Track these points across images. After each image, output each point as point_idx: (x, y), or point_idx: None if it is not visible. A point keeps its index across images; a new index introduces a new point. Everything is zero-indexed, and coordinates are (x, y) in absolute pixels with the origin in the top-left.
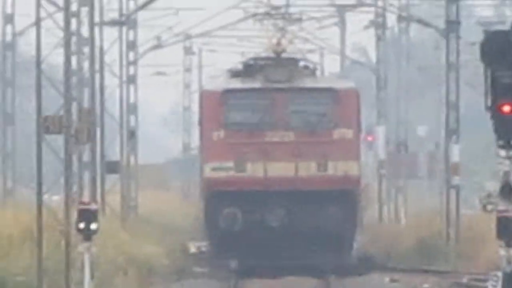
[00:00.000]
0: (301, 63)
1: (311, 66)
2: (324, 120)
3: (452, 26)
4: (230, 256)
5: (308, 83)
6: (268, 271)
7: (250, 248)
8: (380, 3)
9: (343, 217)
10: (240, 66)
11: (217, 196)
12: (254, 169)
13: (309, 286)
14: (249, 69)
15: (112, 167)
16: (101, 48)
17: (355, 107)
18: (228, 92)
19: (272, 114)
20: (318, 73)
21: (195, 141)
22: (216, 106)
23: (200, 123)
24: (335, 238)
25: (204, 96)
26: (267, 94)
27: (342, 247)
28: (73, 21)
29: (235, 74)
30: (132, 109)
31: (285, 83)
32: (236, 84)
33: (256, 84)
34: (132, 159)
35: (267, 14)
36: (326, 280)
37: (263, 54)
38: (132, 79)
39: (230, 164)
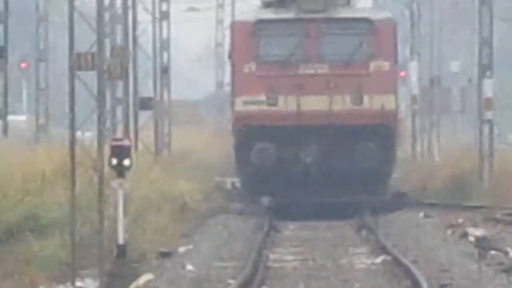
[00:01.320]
0: None
1: None
2: (360, 52)
3: None
4: (262, 193)
5: (343, 13)
6: (301, 208)
7: (283, 184)
8: None
9: (380, 153)
10: None
11: (248, 130)
12: (287, 103)
13: (342, 226)
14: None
15: (145, 104)
16: None
17: (392, 39)
18: (260, 22)
19: (306, 46)
20: (353, 2)
21: (228, 78)
22: (247, 37)
23: (231, 55)
24: (371, 175)
25: (235, 27)
26: (300, 25)
27: (379, 184)
28: None
29: (267, 4)
30: (165, 45)
31: (319, 13)
32: (269, 14)
33: (289, 15)
34: (165, 96)
35: None
36: (360, 220)
37: None
38: (165, 15)
39: (262, 97)
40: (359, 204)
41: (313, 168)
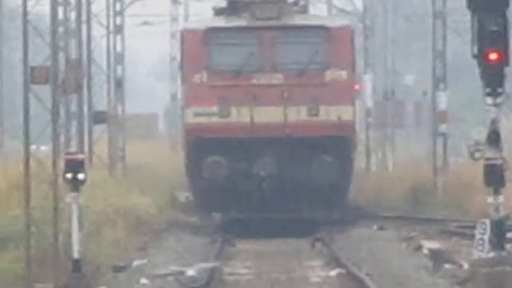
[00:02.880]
0: None
1: (301, 2)
2: (315, 61)
3: None
4: (215, 208)
5: (298, 20)
6: (255, 224)
7: (236, 200)
8: None
9: (337, 166)
10: (224, 3)
11: (200, 143)
12: (240, 115)
13: (296, 238)
14: (234, 6)
15: (99, 117)
16: None
17: (350, 47)
18: (211, 30)
19: (259, 55)
20: (309, 10)
21: None
22: (198, 46)
23: (181, 65)
24: (328, 189)
25: (185, 35)
26: (253, 33)
27: (336, 198)
28: None
29: (219, 11)
30: (119, 59)
31: (273, 21)
32: (220, 22)
33: (242, 22)
34: (119, 109)
35: None
36: (314, 237)
37: None
38: (119, 29)
39: (214, 109)
40: (314, 219)
41: (268, 182)
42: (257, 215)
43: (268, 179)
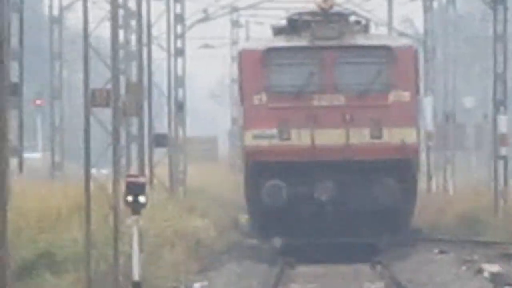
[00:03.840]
0: (352, 18)
1: (363, 21)
2: (378, 82)
3: None
4: (274, 233)
5: (360, 40)
6: (316, 249)
7: (297, 225)
8: None
9: (400, 190)
10: (284, 23)
11: (259, 167)
12: (300, 137)
13: (357, 267)
14: (294, 26)
15: (160, 140)
16: (149, 21)
17: (413, 67)
18: (270, 51)
19: (320, 75)
20: (371, 29)
21: None
22: (257, 66)
23: (240, 86)
24: (391, 214)
25: (244, 55)
26: (314, 53)
27: (400, 223)
28: None
29: (278, 31)
30: (180, 82)
31: (334, 41)
32: (280, 42)
33: (302, 42)
34: (180, 132)
35: None
36: (374, 260)
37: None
38: (179, 52)
39: (273, 131)
40: (376, 244)
41: (329, 207)
42: (318, 241)
43: (329, 204)
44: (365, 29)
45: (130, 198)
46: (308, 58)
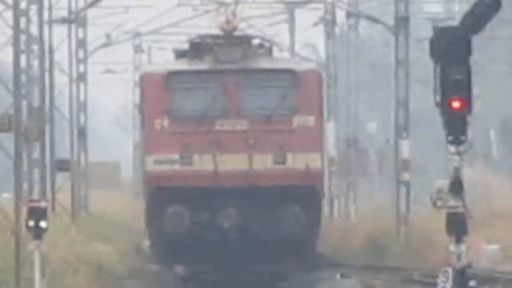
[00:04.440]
0: (255, 41)
1: (266, 44)
2: (282, 106)
3: (401, 22)
4: (176, 260)
5: (264, 63)
6: (218, 278)
7: (199, 252)
8: (329, 0)
9: (305, 216)
10: (186, 46)
11: (160, 193)
12: (203, 162)
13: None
14: (196, 49)
15: (62, 165)
16: (51, 46)
17: (318, 91)
18: (172, 74)
19: (223, 100)
20: (274, 53)
21: None
22: (158, 90)
23: (141, 110)
24: (296, 241)
25: (146, 79)
26: (217, 77)
27: (304, 250)
28: (23, 20)
29: (180, 54)
30: (82, 107)
31: (237, 64)
32: (182, 65)
33: (205, 66)
34: (82, 157)
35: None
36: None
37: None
38: (82, 77)
39: (175, 156)
40: (280, 272)
41: (232, 233)
42: (221, 268)
43: (232, 231)
44: (269, 52)
45: (31, 223)
46: (210, 81)
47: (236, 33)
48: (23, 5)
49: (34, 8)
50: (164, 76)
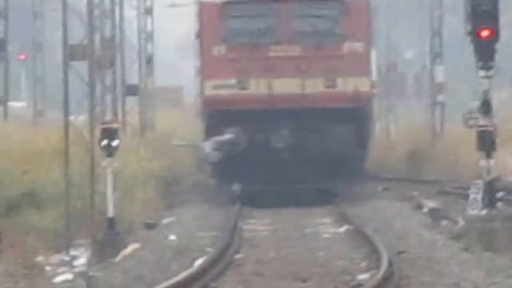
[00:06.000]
0: None
1: None
2: (333, 33)
3: None
4: (233, 179)
5: None
6: (272, 194)
7: (255, 171)
8: None
9: (354, 137)
10: None
11: (218, 115)
12: (258, 87)
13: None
14: None
15: (131, 90)
16: None
17: (366, 19)
18: (229, 4)
19: (276, 27)
20: None
21: None
22: (216, 18)
23: (199, 37)
24: (346, 160)
25: (203, 8)
26: (270, 6)
27: (354, 168)
28: None
29: None
30: (149, 37)
31: None
32: None
33: None
34: (149, 83)
35: None
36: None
37: None
38: (148, 11)
39: (232, 81)
40: (331, 190)
41: (285, 153)
42: (275, 187)
43: (285, 151)
44: None
45: (104, 142)
46: (264, 10)
47: None
48: None
49: None
50: (220, 5)
